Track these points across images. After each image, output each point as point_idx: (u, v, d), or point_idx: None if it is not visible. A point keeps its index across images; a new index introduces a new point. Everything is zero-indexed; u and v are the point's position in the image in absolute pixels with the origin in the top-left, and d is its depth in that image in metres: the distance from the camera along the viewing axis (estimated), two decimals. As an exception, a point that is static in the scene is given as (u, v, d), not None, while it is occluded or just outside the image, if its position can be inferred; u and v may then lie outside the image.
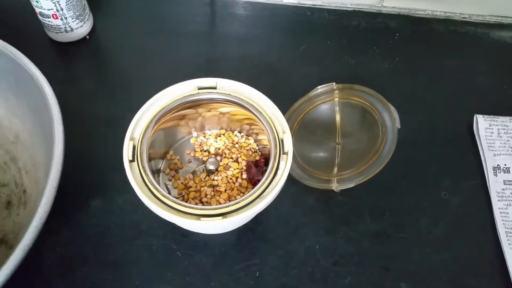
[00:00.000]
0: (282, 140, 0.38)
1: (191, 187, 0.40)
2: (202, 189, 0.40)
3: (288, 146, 0.37)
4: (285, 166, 0.37)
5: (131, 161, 0.37)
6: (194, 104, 0.40)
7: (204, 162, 0.42)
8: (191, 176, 0.41)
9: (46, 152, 0.40)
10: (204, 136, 0.44)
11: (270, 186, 0.36)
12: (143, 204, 0.45)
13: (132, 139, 0.38)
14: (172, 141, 0.44)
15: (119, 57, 0.57)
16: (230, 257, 0.44)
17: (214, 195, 0.40)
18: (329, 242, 0.44)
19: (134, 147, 0.37)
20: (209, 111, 0.42)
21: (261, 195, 0.36)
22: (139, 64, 0.56)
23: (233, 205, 0.35)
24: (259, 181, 0.39)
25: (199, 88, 0.40)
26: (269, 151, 0.40)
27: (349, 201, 0.46)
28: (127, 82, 0.55)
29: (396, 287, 0.42)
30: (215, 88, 0.41)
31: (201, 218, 0.34)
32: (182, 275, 0.43)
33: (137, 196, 0.36)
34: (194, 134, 0.44)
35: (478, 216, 0.47)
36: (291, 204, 0.46)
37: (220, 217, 0.34)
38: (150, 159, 0.39)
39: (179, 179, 0.42)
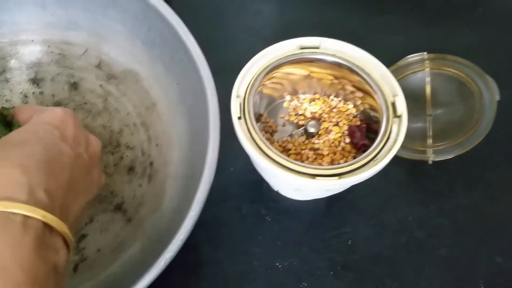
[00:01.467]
0: (393, 103, 0.36)
1: (290, 149, 0.39)
2: (302, 152, 0.39)
3: (402, 109, 0.36)
4: (399, 130, 0.35)
5: (238, 118, 0.36)
6: (296, 63, 0.39)
7: (299, 126, 0.41)
8: (289, 139, 0.40)
9: (186, 137, 0.40)
10: (298, 100, 0.43)
11: (384, 150, 0.35)
12: (229, 168, 0.45)
13: (238, 96, 0.37)
14: (265, 104, 0.43)
15: (196, 20, 0.56)
16: (320, 225, 0.43)
17: (316, 158, 0.39)
18: (422, 214, 0.43)
19: (240, 105, 0.36)
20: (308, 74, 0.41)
21: (375, 158, 0.35)
22: (218, 26, 0.54)
23: (348, 166, 0.34)
24: (364, 145, 0.38)
25: (301, 48, 0.39)
26: (370, 115, 0.39)
27: (441, 173, 0.45)
28: (208, 44, 0.53)
29: (491, 260, 0.41)
30: (318, 48, 0.39)
31: (316, 178, 0.33)
32: (273, 239, 0.42)
33: (222, 159, 0.35)
34: (287, 98, 0.43)
35: None
36: (381, 175, 0.44)
37: (336, 178, 0.33)
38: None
39: (275, 142, 0.41)
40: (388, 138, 0.35)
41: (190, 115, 0.39)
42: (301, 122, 0.41)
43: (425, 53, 0.48)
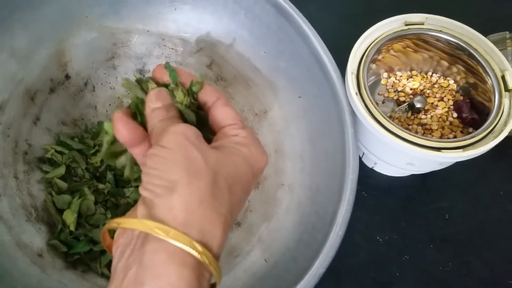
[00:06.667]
0: (503, 77, 0.37)
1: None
2: (410, 127, 0.40)
3: (513, 83, 0.37)
4: (511, 104, 0.36)
5: (355, 94, 0.36)
6: (407, 40, 0.40)
7: (399, 103, 0.42)
8: (393, 114, 0.41)
9: (305, 152, 0.40)
10: (395, 77, 0.43)
11: (499, 124, 0.36)
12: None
13: (352, 72, 0.37)
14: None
15: None
16: (417, 200, 0.44)
17: (424, 133, 0.39)
18: (512, 188, 0.45)
19: (357, 81, 0.37)
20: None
21: (492, 131, 0.36)
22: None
23: (470, 138, 0.35)
24: (473, 119, 0.39)
25: (407, 24, 0.40)
26: (469, 90, 0.40)
27: (528, 149, 0.46)
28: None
29: None
30: (423, 24, 0.40)
31: (442, 151, 0.34)
32: (371, 214, 0.43)
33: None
34: (384, 75, 0.43)
35: None
36: (470, 150, 0.46)
37: (461, 150, 0.34)
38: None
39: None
40: (502, 112, 0.36)
41: (313, 132, 0.39)
42: (401, 99, 0.42)
43: (507, 32, 0.48)
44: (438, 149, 0.34)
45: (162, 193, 0.22)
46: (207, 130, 0.28)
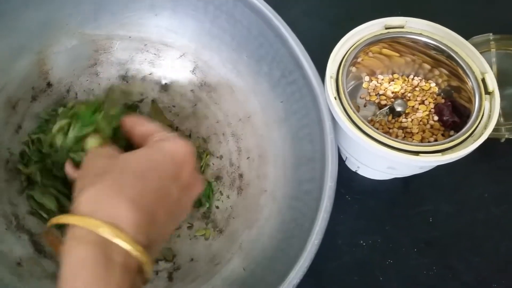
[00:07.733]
0: (483, 80, 0.37)
1: (377, 128, 0.40)
2: (391, 130, 0.39)
3: (493, 85, 0.36)
4: (492, 106, 0.36)
5: (334, 99, 0.36)
6: (383, 43, 0.40)
7: (381, 106, 0.42)
8: (374, 118, 0.41)
9: (287, 157, 0.40)
10: (377, 81, 0.43)
11: (479, 127, 0.36)
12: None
13: (331, 77, 0.37)
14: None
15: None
16: (401, 203, 0.44)
17: (405, 136, 0.39)
18: (498, 190, 0.44)
19: (337, 85, 0.37)
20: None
21: (472, 135, 0.35)
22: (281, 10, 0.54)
23: (449, 142, 0.34)
24: (454, 122, 0.39)
25: (387, 28, 0.40)
26: (451, 92, 0.39)
27: (512, 150, 0.46)
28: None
29: None
30: (403, 27, 0.40)
31: (420, 155, 0.34)
32: (355, 217, 0.43)
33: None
34: (366, 78, 0.43)
35: None
36: (454, 153, 0.46)
37: (439, 154, 0.34)
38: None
39: (360, 122, 0.41)
40: (483, 115, 0.36)
41: (295, 136, 0.39)
42: (383, 102, 0.42)
43: (491, 33, 0.48)
44: (417, 153, 0.34)
45: (77, 195, 0.27)
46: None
